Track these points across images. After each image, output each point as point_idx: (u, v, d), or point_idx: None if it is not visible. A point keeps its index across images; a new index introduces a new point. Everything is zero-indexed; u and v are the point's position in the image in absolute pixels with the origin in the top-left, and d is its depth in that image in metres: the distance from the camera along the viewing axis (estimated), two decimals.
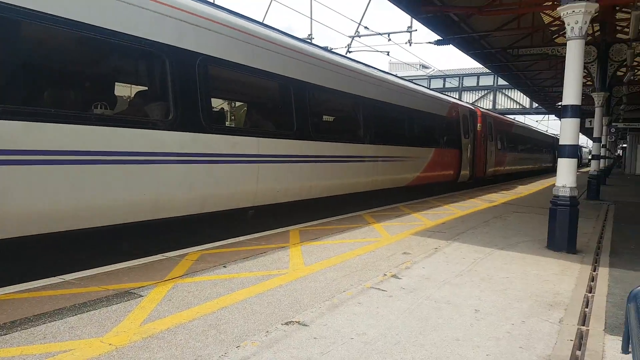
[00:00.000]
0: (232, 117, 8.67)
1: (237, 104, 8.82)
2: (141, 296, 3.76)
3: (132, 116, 5.52)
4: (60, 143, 4.47)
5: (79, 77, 5.23)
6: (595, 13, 6.23)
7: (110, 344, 2.87)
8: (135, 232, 5.58)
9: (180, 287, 4.02)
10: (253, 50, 6.87)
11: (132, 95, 6.04)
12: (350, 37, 17.29)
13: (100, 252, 5.29)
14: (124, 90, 6.24)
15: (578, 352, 3.05)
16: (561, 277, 4.83)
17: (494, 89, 46.12)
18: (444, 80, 47.73)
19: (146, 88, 6.03)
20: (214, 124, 6.36)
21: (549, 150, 34.57)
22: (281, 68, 7.48)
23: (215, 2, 7.71)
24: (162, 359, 2.70)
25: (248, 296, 3.83)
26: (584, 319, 3.67)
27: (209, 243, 5.81)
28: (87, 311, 3.39)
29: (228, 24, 6.50)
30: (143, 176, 5.29)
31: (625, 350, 2.61)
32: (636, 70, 21.29)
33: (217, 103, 7.54)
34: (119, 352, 2.77)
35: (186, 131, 5.75)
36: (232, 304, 3.63)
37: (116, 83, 5.81)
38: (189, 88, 5.82)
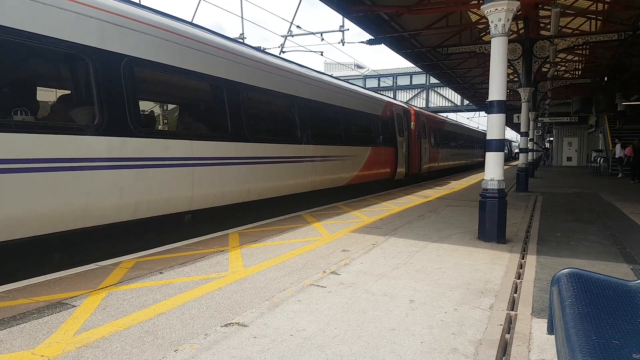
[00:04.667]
0: (164, 120, 8.45)
1: (168, 106, 8.59)
2: (74, 306, 3.60)
3: (56, 122, 5.25)
4: None
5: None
6: (518, 11, 6.60)
7: (42, 356, 2.74)
8: (65, 241, 5.33)
9: (114, 295, 3.88)
10: (182, 51, 6.73)
11: (55, 100, 5.75)
12: (283, 36, 17.34)
13: (29, 264, 5.03)
14: (45, 95, 5.92)
15: (507, 336, 3.20)
16: (491, 266, 5.08)
17: (426, 88, 47.83)
18: (379, 80, 48.93)
19: (69, 92, 5.76)
20: (143, 127, 6.18)
21: (480, 145, 36.27)
22: (213, 69, 7.37)
23: (141, 2, 7.50)
24: None
25: (186, 301, 3.76)
26: (512, 304, 3.86)
27: (144, 250, 5.64)
28: (17, 324, 3.22)
29: (155, 24, 6.33)
30: (69, 183, 5.07)
31: (550, 330, 2.80)
32: (559, 66, 22.84)
33: (146, 106, 7.30)
34: None
35: (113, 135, 5.55)
36: (170, 310, 3.55)
37: (37, 88, 5.50)
38: (114, 91, 5.62)
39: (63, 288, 4.07)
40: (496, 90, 6.43)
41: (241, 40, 12.32)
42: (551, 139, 44.56)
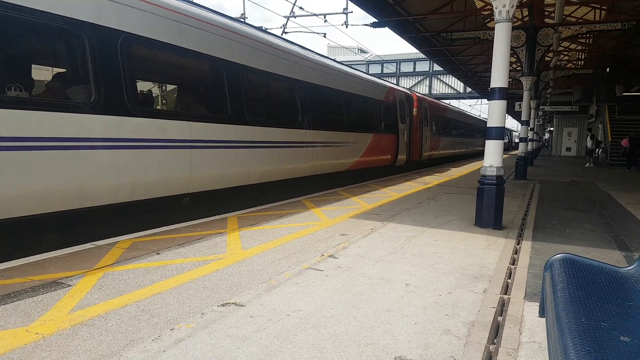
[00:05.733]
0: (162, 101, 8.40)
1: (167, 86, 8.52)
2: (69, 285, 3.63)
3: (51, 99, 5.19)
4: None
5: None
6: None
7: (36, 333, 2.77)
8: (61, 221, 5.34)
9: (111, 275, 3.91)
10: (181, 29, 6.64)
11: (50, 77, 5.69)
12: (285, 17, 17.20)
13: (25, 243, 5.04)
14: (40, 72, 5.87)
15: (499, 318, 3.25)
16: (487, 252, 5.13)
17: (429, 75, 47.63)
18: (382, 66, 48.69)
19: (65, 69, 5.68)
20: (141, 107, 6.11)
21: (481, 134, 36.20)
22: (213, 49, 7.29)
23: None
24: (93, 345, 2.64)
25: (183, 281, 3.80)
26: (506, 289, 3.91)
27: (142, 231, 5.66)
28: (11, 302, 3.25)
29: (153, 1, 6.23)
30: (65, 162, 5.04)
31: (541, 314, 2.84)
32: (562, 55, 22.71)
33: (144, 85, 7.24)
34: (47, 341, 2.68)
35: (110, 115, 5.51)
36: (166, 290, 3.59)
37: (32, 64, 5.45)
38: (111, 68, 5.56)
39: (59, 267, 4.10)
40: (498, 77, 6.41)
41: (242, 20, 12.22)
42: (551, 129, 44.45)
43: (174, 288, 3.64)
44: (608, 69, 25.29)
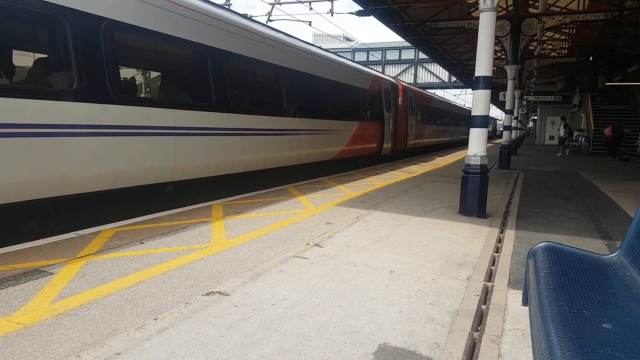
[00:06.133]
0: (145, 88, 8.28)
1: (150, 73, 8.40)
2: (52, 274, 3.58)
3: (32, 86, 5.09)
4: None
5: None
6: None
7: (18, 323, 2.72)
8: (43, 209, 5.26)
9: (94, 264, 3.86)
10: (165, 15, 6.54)
11: (32, 64, 5.58)
12: (270, 4, 17.01)
13: (6, 231, 4.95)
14: (21, 59, 5.74)
15: (483, 306, 3.28)
16: (471, 240, 5.17)
17: (415, 63, 47.63)
18: (368, 54, 48.52)
19: (46, 56, 5.58)
20: (124, 94, 6.04)
21: (466, 123, 36.39)
22: (197, 35, 7.20)
23: None
24: (75, 335, 2.61)
25: (167, 270, 3.76)
26: (490, 276, 3.95)
27: (125, 220, 5.60)
28: None
29: None
30: (47, 150, 4.96)
31: (524, 302, 2.87)
32: (545, 45, 22.88)
33: (127, 72, 7.13)
34: (29, 331, 2.64)
35: (93, 102, 5.43)
36: (150, 279, 3.55)
37: (13, 50, 5.33)
38: (93, 55, 5.47)
39: (41, 256, 4.03)
40: (483, 66, 6.42)
41: (227, 7, 12.04)
42: (535, 117, 44.89)
43: (158, 277, 3.60)
44: (591, 58, 25.58)
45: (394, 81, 18.42)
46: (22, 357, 2.37)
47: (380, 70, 41.04)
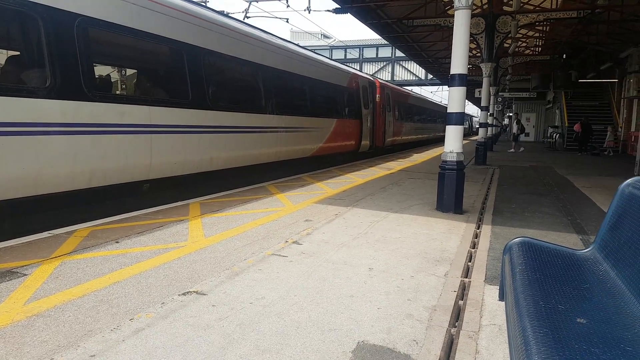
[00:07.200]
0: (120, 85, 8.14)
1: (125, 70, 8.27)
2: (25, 275, 3.49)
3: (5, 83, 4.97)
4: None
5: None
6: None
7: None
8: (16, 209, 5.12)
9: (68, 264, 3.77)
10: (140, 11, 6.45)
11: (3, 61, 5.44)
12: (247, 1, 16.88)
13: None
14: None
15: (461, 302, 3.31)
16: (448, 236, 5.22)
17: (392, 61, 47.87)
18: (345, 51, 48.55)
19: (18, 53, 5.46)
20: (98, 91, 5.92)
21: (442, 120, 36.76)
22: (172, 32, 7.10)
23: None
24: (49, 337, 2.54)
25: (143, 270, 3.70)
26: (467, 272, 3.99)
27: (100, 219, 5.49)
28: None
29: None
30: (19, 148, 4.84)
31: (501, 297, 2.90)
32: (520, 42, 23.27)
33: (101, 69, 7.00)
34: (0, 333, 2.57)
35: (66, 99, 5.32)
36: (125, 279, 3.48)
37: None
38: (67, 52, 5.36)
39: (13, 257, 3.93)
40: (458, 64, 6.48)
41: (203, 4, 11.90)
42: (510, 114, 45.57)
43: (134, 277, 3.53)
44: (565, 56, 26.09)
45: (372, 78, 18.48)
46: None
47: (358, 68, 41.17)
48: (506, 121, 49.68)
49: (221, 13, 9.81)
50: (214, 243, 4.58)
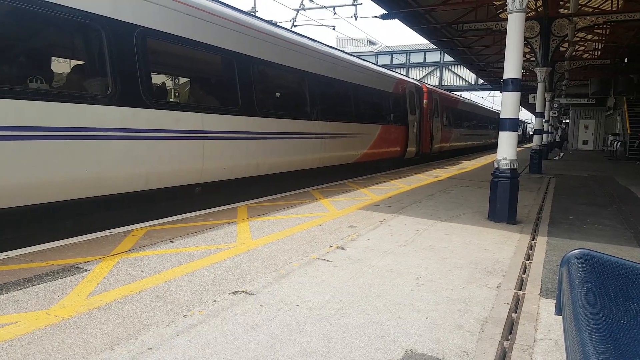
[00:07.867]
0: (175, 93, 8.46)
1: (180, 79, 8.60)
2: (87, 270, 3.69)
3: (70, 90, 5.31)
4: None
5: (12, 51, 4.95)
6: None
7: (56, 316, 2.83)
8: (78, 209, 5.42)
9: (126, 262, 3.95)
10: (194, 22, 6.69)
11: (69, 70, 5.80)
12: (295, 10, 17.11)
13: (44, 230, 5.14)
14: (60, 65, 5.98)
15: (514, 315, 3.18)
16: (501, 246, 5.05)
17: (440, 66, 47.07)
18: (392, 57, 48.17)
19: (83, 62, 5.80)
20: (156, 99, 6.21)
21: (494, 126, 35.85)
22: (224, 41, 7.32)
23: None
24: (110, 329, 2.69)
25: (195, 269, 3.82)
26: (521, 284, 3.83)
27: (156, 220, 5.71)
28: (32, 285, 3.32)
29: None
30: (83, 152, 5.14)
31: (558, 311, 2.79)
32: (577, 46, 22.36)
33: (158, 78, 7.32)
34: (66, 324, 2.73)
35: (126, 106, 5.60)
36: (179, 276, 3.61)
37: (52, 57, 5.56)
38: (127, 61, 5.65)
39: (76, 253, 4.16)
40: (511, 68, 6.31)
41: (253, 14, 12.18)
42: (567, 121, 43.67)
43: (187, 275, 3.66)
44: (626, 60, 24.78)
45: (419, 84, 18.26)
46: (60, 348, 2.45)
47: (405, 74, 40.76)
48: (563, 127, 47.69)
49: (269, 22, 10.00)
50: (261, 245, 4.66)
